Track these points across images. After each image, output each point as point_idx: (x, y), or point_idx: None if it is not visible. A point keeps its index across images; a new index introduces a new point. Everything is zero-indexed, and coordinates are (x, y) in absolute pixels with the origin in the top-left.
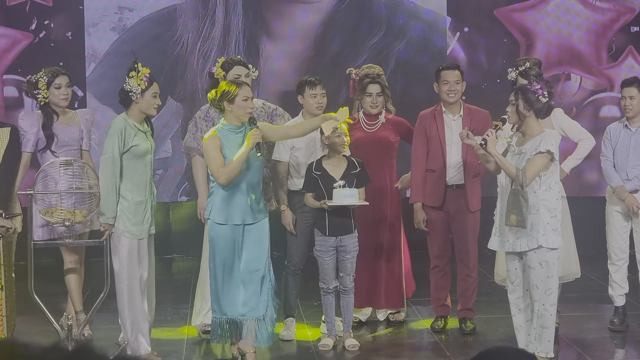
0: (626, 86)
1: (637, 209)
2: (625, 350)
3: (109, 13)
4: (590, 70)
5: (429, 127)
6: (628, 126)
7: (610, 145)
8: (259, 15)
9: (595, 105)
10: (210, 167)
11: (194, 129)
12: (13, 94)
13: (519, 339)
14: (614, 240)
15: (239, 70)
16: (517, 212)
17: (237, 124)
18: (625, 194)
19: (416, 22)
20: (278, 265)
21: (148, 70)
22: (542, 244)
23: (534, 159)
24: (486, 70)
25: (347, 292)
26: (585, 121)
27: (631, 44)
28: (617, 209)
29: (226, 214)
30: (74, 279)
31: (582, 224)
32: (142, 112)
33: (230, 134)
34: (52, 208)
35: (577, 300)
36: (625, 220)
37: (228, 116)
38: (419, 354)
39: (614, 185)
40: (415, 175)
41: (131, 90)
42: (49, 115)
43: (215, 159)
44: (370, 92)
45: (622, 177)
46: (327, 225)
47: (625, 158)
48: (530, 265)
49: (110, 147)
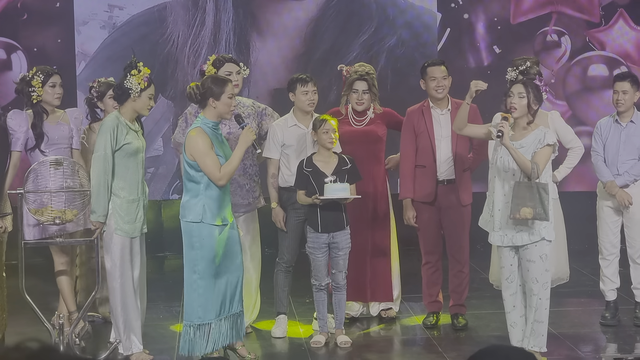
0: (619, 80)
1: (628, 204)
2: (617, 345)
3: (98, 11)
4: (581, 9)
5: (417, 123)
6: (618, 121)
7: (601, 140)
8: (249, 13)
9: (583, 65)
10: (209, 168)
11: (184, 125)
12: None
13: (513, 335)
14: (605, 235)
15: (230, 67)
16: (534, 204)
17: (216, 120)
18: (616, 189)
19: (407, 18)
20: (269, 262)
21: (149, 71)
22: (545, 237)
23: (542, 151)
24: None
25: (339, 288)
26: (574, 79)
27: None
28: (608, 203)
29: (221, 214)
30: (65, 281)
31: (573, 218)
32: (135, 111)
33: (212, 131)
34: (43, 207)
35: (568, 295)
36: (616, 215)
37: (209, 112)
38: (411, 350)
39: (604, 180)
40: (404, 171)
41: (131, 88)
42: (39, 114)
43: (213, 159)
44: (356, 88)
45: (613, 172)
46: (320, 222)
47: (615, 153)
48: (530, 259)
49: (102, 145)
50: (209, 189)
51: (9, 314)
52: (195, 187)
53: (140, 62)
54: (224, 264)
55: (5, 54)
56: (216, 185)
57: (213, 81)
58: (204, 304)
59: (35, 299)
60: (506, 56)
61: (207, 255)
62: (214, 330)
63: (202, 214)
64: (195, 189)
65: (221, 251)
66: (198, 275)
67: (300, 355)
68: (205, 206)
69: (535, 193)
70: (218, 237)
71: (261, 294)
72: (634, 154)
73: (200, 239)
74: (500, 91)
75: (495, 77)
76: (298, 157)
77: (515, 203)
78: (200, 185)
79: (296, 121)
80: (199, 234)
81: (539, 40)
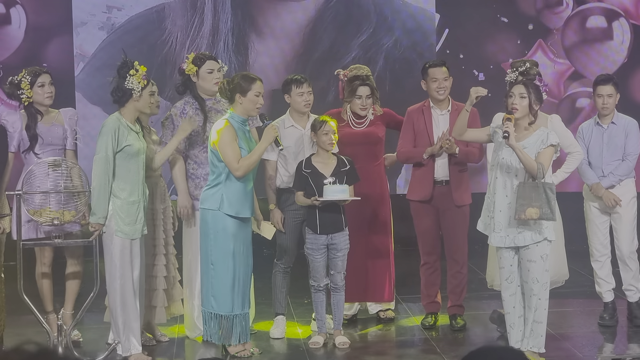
0: (602, 84)
1: (616, 204)
2: (615, 345)
3: (97, 12)
4: None
5: (416, 122)
6: (599, 123)
7: (584, 143)
8: (248, 14)
9: (581, 17)
10: (228, 157)
11: (171, 126)
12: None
13: (512, 336)
14: (595, 237)
15: (212, 65)
16: (540, 204)
17: (244, 116)
18: (602, 190)
19: (405, 19)
20: (268, 263)
21: (145, 69)
22: (547, 237)
23: (545, 152)
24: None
25: (338, 289)
26: (572, 32)
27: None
28: (595, 205)
29: (238, 206)
30: (46, 284)
31: (571, 219)
32: (138, 110)
33: (240, 125)
34: (41, 209)
35: (566, 296)
36: (604, 215)
37: (237, 108)
38: (409, 351)
39: (589, 183)
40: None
41: (133, 88)
42: (32, 115)
43: (234, 150)
44: (360, 94)
45: (598, 174)
46: (318, 223)
47: (599, 155)
48: (530, 259)
49: (103, 146)
50: (229, 180)
51: (7, 315)
52: (217, 177)
53: (135, 61)
54: (237, 259)
55: (4, 8)
56: (234, 175)
57: (242, 78)
58: (216, 295)
59: (33, 300)
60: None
61: (221, 246)
62: (236, 322)
63: (220, 202)
64: (217, 178)
65: (233, 245)
66: (212, 266)
67: (298, 356)
68: (223, 195)
69: (542, 193)
70: (233, 229)
71: (260, 295)
72: (617, 155)
73: (215, 229)
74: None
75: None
76: (295, 158)
77: (520, 204)
78: (222, 176)
79: (293, 122)
80: (214, 223)
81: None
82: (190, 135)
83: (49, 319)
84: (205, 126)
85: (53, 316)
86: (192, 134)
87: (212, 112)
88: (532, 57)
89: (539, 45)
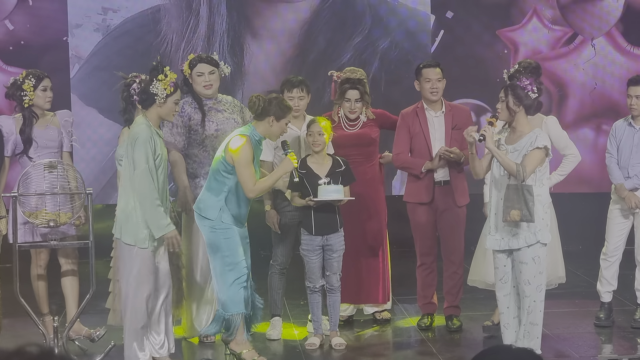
0: (633, 85)
1: (636, 206)
2: (611, 346)
3: (92, 14)
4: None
5: (412, 125)
6: (632, 124)
7: (615, 142)
8: (243, 16)
9: None
10: (245, 178)
11: (169, 124)
12: None
13: (506, 336)
14: (611, 236)
15: (202, 68)
16: (520, 206)
17: (263, 136)
18: (625, 192)
19: (400, 20)
20: (264, 264)
21: (175, 76)
22: (540, 240)
23: (532, 154)
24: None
25: (334, 290)
26: None
27: None
28: (617, 206)
29: (236, 218)
30: (42, 285)
31: (567, 220)
32: (160, 117)
33: (256, 143)
34: (37, 210)
35: (563, 296)
36: (624, 218)
37: (262, 127)
38: (405, 352)
39: (614, 182)
40: (404, 157)
41: (157, 94)
42: (29, 118)
43: (251, 172)
44: (348, 97)
45: (624, 175)
46: (314, 224)
47: (628, 156)
48: (522, 261)
49: (143, 158)
50: (231, 194)
51: (3, 317)
52: (220, 186)
53: (166, 67)
54: (237, 260)
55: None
56: (246, 195)
57: (281, 103)
58: (239, 294)
59: (29, 302)
60: None
61: (230, 252)
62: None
63: (219, 214)
64: (219, 188)
65: (240, 249)
66: (228, 267)
67: (294, 357)
68: (222, 209)
69: (521, 195)
70: (237, 235)
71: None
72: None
73: (224, 235)
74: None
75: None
76: None
77: (506, 206)
78: (225, 187)
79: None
80: (220, 229)
81: None
82: (190, 134)
83: (45, 321)
84: (204, 125)
85: (49, 318)
86: (191, 133)
87: (212, 112)
88: (527, 24)
89: (534, 12)
